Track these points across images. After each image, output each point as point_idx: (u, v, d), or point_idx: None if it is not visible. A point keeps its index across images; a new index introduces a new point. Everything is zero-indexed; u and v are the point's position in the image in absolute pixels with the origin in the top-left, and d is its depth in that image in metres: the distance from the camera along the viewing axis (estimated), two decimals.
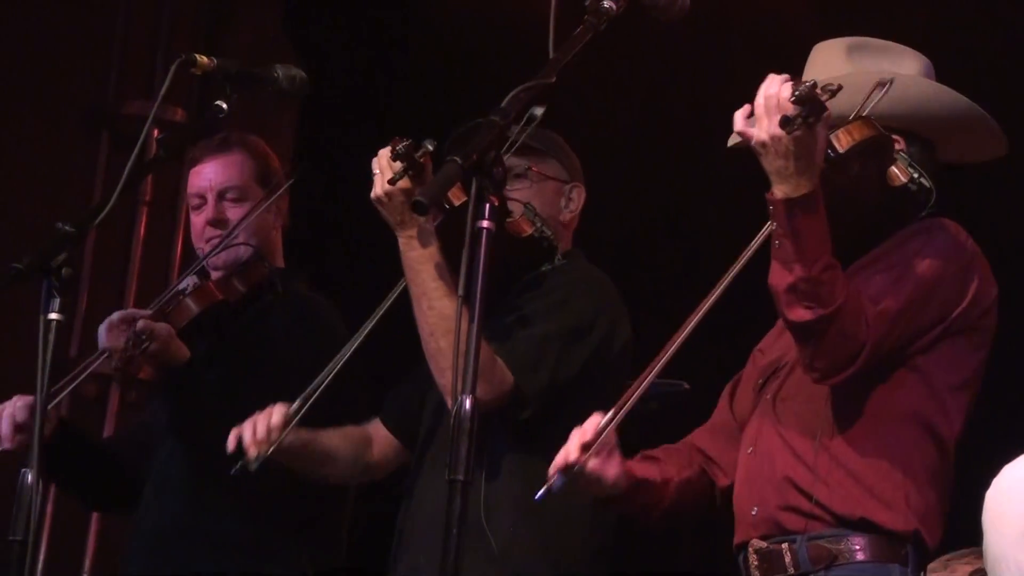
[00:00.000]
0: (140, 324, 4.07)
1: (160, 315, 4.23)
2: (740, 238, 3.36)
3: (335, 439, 3.97)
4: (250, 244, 4.36)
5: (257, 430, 3.73)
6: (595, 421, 3.32)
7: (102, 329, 4.13)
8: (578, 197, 3.97)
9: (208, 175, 4.43)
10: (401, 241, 3.63)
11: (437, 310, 3.60)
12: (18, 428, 4.17)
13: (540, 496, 3.26)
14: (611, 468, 3.38)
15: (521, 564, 3.66)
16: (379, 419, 4.05)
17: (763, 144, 3.15)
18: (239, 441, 3.75)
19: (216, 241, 4.36)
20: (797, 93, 3.07)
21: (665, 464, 3.54)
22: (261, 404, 4.13)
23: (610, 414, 3.31)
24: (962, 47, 4.89)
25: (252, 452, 3.71)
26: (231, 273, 4.35)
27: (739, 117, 3.21)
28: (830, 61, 3.50)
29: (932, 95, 3.47)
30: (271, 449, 3.72)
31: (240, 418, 4.11)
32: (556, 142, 3.95)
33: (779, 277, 3.20)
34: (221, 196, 4.40)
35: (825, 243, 3.18)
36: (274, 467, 3.81)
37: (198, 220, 4.42)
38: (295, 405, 3.76)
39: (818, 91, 3.07)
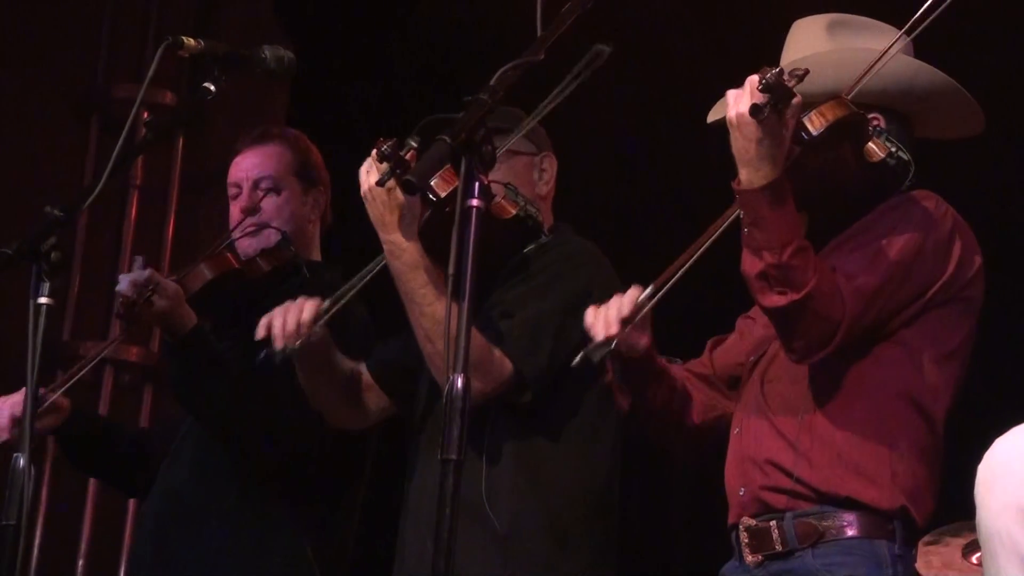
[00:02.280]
0: (147, 274, 4.07)
1: (176, 281, 4.24)
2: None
3: (343, 362, 3.94)
4: (273, 227, 4.37)
5: (288, 322, 3.69)
6: (633, 295, 3.34)
7: (123, 279, 4.14)
8: (550, 167, 3.96)
9: (244, 165, 4.46)
10: (385, 247, 3.61)
11: (429, 315, 3.58)
12: (15, 421, 4.18)
13: (577, 363, 3.29)
14: (643, 339, 3.40)
15: (527, 544, 3.66)
16: (364, 366, 4.02)
17: (730, 122, 3.16)
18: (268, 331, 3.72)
19: (250, 229, 4.39)
20: (764, 81, 3.07)
21: (665, 374, 3.55)
22: (266, 379, 4.15)
23: (649, 290, 3.32)
24: (943, 23, 4.89)
25: (279, 344, 3.69)
26: (257, 253, 4.37)
27: (731, 92, 3.20)
28: (811, 38, 3.49)
29: (912, 72, 3.46)
30: (299, 343, 3.68)
31: (242, 393, 4.13)
32: (518, 117, 3.91)
33: (749, 264, 3.21)
34: (256, 185, 4.43)
35: (793, 227, 3.19)
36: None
37: (234, 209, 4.46)
38: (326, 303, 3.73)
39: (785, 77, 3.07)
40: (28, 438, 3.30)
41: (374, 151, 3.51)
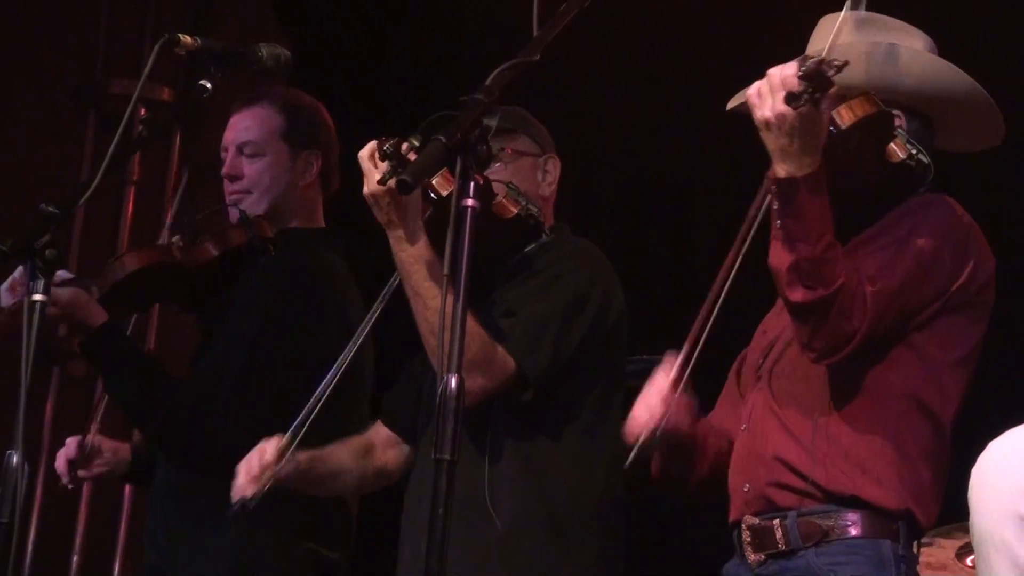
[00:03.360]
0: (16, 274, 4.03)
1: (92, 278, 4.22)
2: (731, 210, 3.36)
3: (340, 454, 3.91)
4: (238, 207, 4.30)
5: (251, 468, 3.69)
6: (666, 371, 3.32)
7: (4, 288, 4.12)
8: (554, 168, 3.96)
9: (233, 127, 4.38)
10: (392, 241, 3.60)
11: (433, 309, 3.56)
12: (70, 463, 4.30)
13: (630, 464, 3.29)
14: (686, 417, 3.40)
15: (527, 545, 3.67)
16: (380, 421, 4.01)
17: (767, 122, 3.14)
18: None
19: (235, 197, 4.32)
20: (804, 69, 3.05)
21: (707, 435, 3.54)
22: (203, 370, 4.15)
23: (679, 361, 3.29)
24: (966, 31, 4.88)
25: (249, 492, 3.67)
26: (205, 236, 4.29)
27: (753, 90, 3.18)
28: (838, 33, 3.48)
29: (937, 71, 3.46)
30: (267, 485, 3.67)
31: (159, 393, 4.12)
32: (523, 117, 3.93)
33: (781, 257, 3.19)
34: (240, 150, 4.35)
35: (827, 221, 3.17)
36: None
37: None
38: (286, 438, 3.70)
39: (824, 66, 3.06)
40: (20, 434, 3.30)
41: (372, 147, 3.51)
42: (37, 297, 3.35)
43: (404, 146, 3.42)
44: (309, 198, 4.38)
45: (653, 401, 3.31)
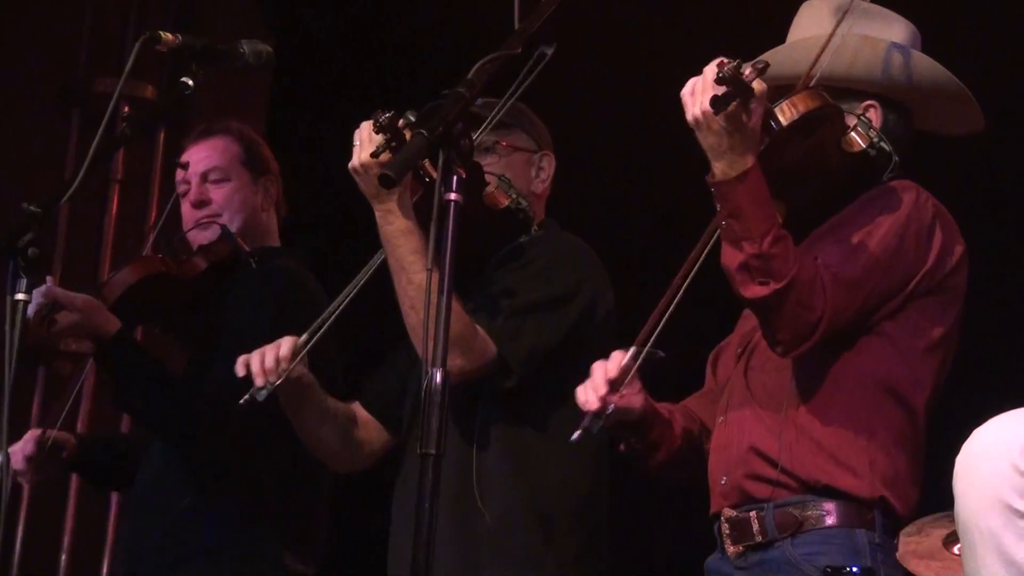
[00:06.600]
0: (43, 289, 4.03)
1: (97, 288, 4.25)
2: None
3: (333, 402, 3.92)
4: (217, 222, 4.35)
5: (266, 360, 3.66)
6: (618, 358, 3.31)
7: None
8: (548, 165, 3.98)
9: (191, 160, 4.45)
10: (378, 215, 3.61)
11: (416, 284, 3.58)
12: (30, 461, 4.29)
13: (577, 438, 3.24)
14: (637, 398, 3.40)
15: (514, 537, 3.68)
16: (359, 403, 4.02)
17: (696, 121, 3.15)
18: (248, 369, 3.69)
19: (205, 222, 4.38)
20: (721, 74, 3.05)
21: (674, 411, 3.55)
22: (200, 374, 4.14)
23: (633, 350, 3.30)
24: (952, 18, 4.88)
25: (259, 381, 3.65)
26: (195, 250, 4.35)
27: (687, 88, 3.18)
28: (814, 21, 3.49)
29: (910, 64, 3.45)
30: (279, 380, 3.65)
31: (177, 395, 4.13)
32: (521, 113, 3.95)
33: (730, 257, 3.20)
34: (204, 178, 4.42)
35: (770, 217, 3.18)
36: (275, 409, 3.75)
37: (185, 206, 4.44)
38: (303, 338, 3.70)
39: (745, 70, 3.05)
40: (5, 433, 3.29)
41: (370, 123, 3.50)
42: (19, 296, 3.34)
43: (400, 121, 3.43)
44: (268, 221, 4.49)
45: (599, 382, 3.29)
